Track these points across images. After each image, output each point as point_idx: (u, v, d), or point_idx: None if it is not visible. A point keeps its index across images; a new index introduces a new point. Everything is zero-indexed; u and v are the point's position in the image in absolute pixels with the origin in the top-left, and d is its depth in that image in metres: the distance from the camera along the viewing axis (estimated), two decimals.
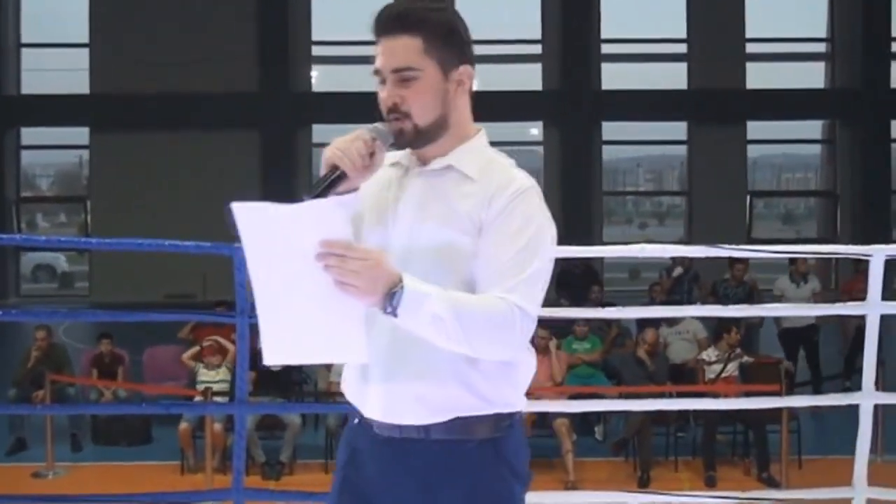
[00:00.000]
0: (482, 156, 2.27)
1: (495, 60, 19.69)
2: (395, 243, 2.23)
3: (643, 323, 8.54)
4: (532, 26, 19.85)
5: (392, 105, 2.20)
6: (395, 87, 2.20)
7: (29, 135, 20.80)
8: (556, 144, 19.73)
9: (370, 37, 2.24)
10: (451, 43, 2.23)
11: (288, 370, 8.41)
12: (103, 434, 8.56)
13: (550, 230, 2.22)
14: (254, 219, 2.01)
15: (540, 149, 20.26)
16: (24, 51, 20.70)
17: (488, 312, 2.06)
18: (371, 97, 2.27)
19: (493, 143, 2.33)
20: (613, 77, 20.04)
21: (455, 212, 2.19)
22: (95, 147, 20.29)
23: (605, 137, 20.22)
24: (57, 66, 20.35)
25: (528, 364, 2.28)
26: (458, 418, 2.19)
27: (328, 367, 8.91)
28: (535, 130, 20.53)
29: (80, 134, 20.43)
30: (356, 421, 2.33)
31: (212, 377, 8.07)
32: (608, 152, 20.65)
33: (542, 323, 8.03)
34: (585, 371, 8.62)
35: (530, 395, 7.63)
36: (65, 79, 20.14)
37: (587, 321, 8.97)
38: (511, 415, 2.26)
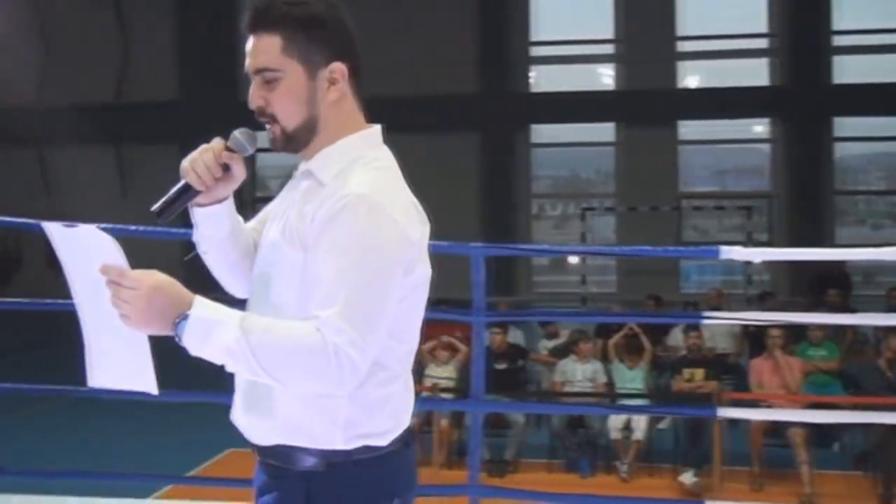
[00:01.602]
0: (346, 157, 2.05)
1: (720, 56, 19.17)
2: (258, 263, 2.12)
3: (886, 330, 8.03)
4: (758, 20, 19.15)
5: (257, 108, 2.05)
6: (260, 88, 2.03)
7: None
8: (785, 142, 18.93)
9: (590, 35, 2.14)
10: (316, 39, 2.01)
11: (514, 370, 8.48)
12: None
13: (389, 247, 1.92)
14: (60, 238, 1.93)
15: (765, 146, 19.52)
16: None
17: (294, 346, 1.82)
18: (589, 96, 2.17)
19: (715, 141, 2.15)
20: (846, 70, 19.05)
21: (288, 224, 2.01)
22: None
23: (836, 134, 19.26)
24: None
25: (360, 405, 2.00)
26: (280, 445, 2.04)
27: (551, 367, 8.95)
28: (759, 128, 19.79)
29: None
30: None
31: (439, 373, 8.26)
32: (839, 150, 19.65)
33: (778, 326, 7.75)
34: (821, 379, 8.21)
35: (763, 402, 7.22)
36: None
37: (822, 326, 8.55)
38: (346, 452, 2.01)
